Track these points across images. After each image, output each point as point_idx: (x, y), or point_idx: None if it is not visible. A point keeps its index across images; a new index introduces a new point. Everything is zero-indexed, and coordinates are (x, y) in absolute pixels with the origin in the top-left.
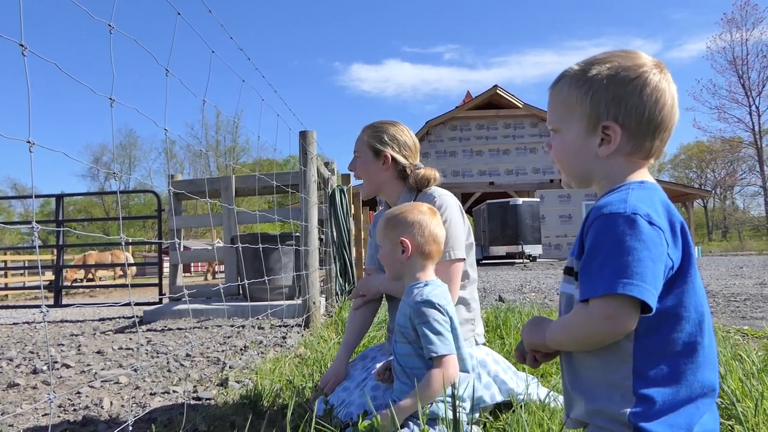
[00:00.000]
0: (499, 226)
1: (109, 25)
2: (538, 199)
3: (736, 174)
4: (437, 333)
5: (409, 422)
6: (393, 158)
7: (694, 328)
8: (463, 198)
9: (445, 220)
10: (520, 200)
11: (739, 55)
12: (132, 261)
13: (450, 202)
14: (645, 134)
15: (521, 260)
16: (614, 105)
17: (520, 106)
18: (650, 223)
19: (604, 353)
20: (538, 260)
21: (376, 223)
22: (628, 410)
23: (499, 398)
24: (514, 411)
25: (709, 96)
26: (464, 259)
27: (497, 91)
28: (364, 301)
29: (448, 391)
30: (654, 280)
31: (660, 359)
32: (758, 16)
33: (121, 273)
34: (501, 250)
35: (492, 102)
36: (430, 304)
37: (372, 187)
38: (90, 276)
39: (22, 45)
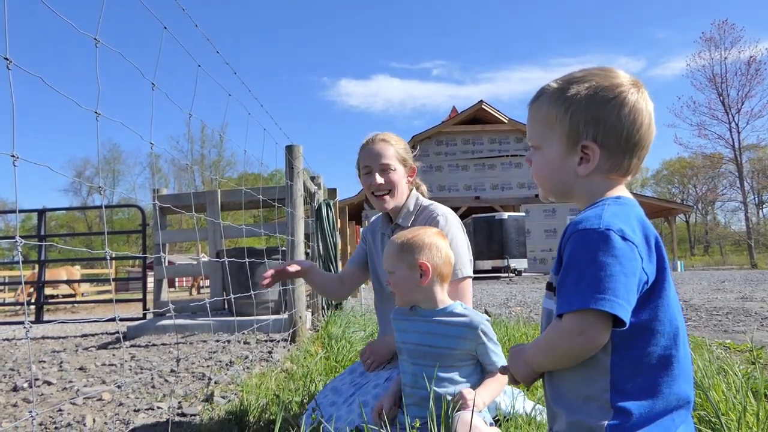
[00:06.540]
0: (485, 240)
1: (95, 39)
2: (524, 214)
3: (717, 189)
4: (499, 348)
5: None
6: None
7: (669, 341)
8: None
9: (451, 239)
10: (506, 215)
11: (718, 73)
12: (79, 277)
13: (453, 220)
14: (623, 153)
15: (507, 274)
16: (593, 125)
17: (506, 121)
18: (623, 238)
19: (582, 367)
20: (523, 274)
21: (374, 230)
22: (606, 423)
23: (489, 416)
24: (500, 425)
25: (690, 113)
26: (471, 277)
27: (482, 106)
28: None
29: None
30: (627, 295)
31: (636, 372)
32: (736, 35)
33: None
34: (487, 264)
35: (477, 117)
36: (490, 322)
37: (400, 198)
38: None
39: (6, 59)
